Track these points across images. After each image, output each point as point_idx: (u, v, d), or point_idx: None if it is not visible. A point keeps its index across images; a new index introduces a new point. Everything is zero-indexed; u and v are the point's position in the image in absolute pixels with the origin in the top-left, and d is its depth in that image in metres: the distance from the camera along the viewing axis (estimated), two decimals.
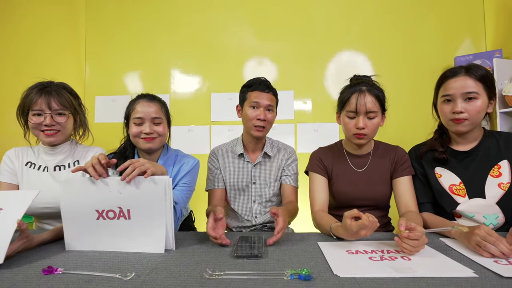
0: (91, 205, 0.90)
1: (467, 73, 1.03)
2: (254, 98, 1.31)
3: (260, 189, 1.40)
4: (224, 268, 0.74)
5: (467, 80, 1.03)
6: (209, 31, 2.61)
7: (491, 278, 0.66)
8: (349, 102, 1.14)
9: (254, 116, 1.30)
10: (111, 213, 0.90)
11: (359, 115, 1.12)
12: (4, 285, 0.65)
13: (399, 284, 0.63)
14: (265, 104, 1.30)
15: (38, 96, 1.12)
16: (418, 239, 0.78)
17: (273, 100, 1.34)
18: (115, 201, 0.90)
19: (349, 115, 1.15)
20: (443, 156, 1.11)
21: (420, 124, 1.23)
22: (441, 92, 1.09)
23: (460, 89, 1.03)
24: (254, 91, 1.32)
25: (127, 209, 0.90)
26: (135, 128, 1.17)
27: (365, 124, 1.11)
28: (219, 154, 1.43)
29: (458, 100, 1.03)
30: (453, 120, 1.05)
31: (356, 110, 1.12)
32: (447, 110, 1.06)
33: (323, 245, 0.92)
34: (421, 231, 0.80)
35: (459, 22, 2.36)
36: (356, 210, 0.87)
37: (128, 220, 0.90)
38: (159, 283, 0.65)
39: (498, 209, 1.03)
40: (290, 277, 0.67)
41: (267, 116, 1.30)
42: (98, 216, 0.90)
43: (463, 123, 1.04)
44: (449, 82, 1.06)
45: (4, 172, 1.19)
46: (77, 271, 0.72)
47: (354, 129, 1.13)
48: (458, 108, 1.02)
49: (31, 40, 2.19)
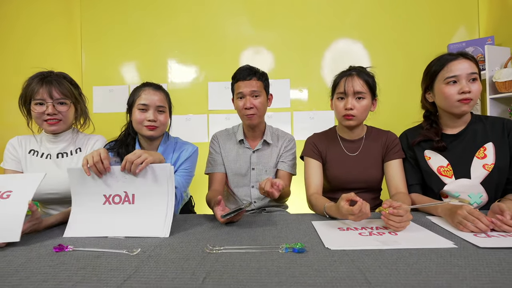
0: (99, 189, 0.95)
1: (465, 57, 1.08)
2: (238, 89, 1.34)
3: (259, 175, 1.44)
4: (224, 243, 0.79)
5: (467, 62, 1.07)
6: (205, 20, 2.61)
7: (468, 248, 0.72)
8: (339, 85, 1.20)
9: (242, 106, 1.34)
10: (117, 198, 0.95)
11: (348, 97, 1.17)
12: (19, 260, 0.70)
13: (384, 255, 0.69)
14: (248, 91, 1.32)
15: (39, 86, 1.14)
16: (401, 215, 0.84)
17: (257, 84, 1.34)
18: (122, 186, 0.95)
19: (339, 96, 1.20)
20: (442, 145, 1.14)
21: (413, 110, 1.27)
22: (443, 75, 1.10)
23: (465, 70, 1.06)
24: (238, 82, 1.35)
25: (132, 194, 0.95)
26: (139, 114, 1.21)
27: (353, 105, 1.16)
28: (220, 138, 1.48)
29: (463, 80, 1.06)
30: (461, 100, 1.07)
31: (345, 91, 1.17)
32: (454, 91, 1.08)
33: (317, 223, 0.97)
34: (404, 208, 0.85)
35: (453, 10, 2.38)
36: (353, 194, 0.91)
37: (132, 204, 0.95)
38: (164, 257, 0.71)
39: (482, 188, 1.09)
40: (285, 250, 0.72)
41: (253, 102, 1.32)
42: (105, 201, 0.95)
43: (469, 103, 1.07)
44: (452, 63, 1.08)
45: (8, 160, 1.23)
46: (86, 248, 0.78)
47: (343, 111, 1.19)
48: (466, 88, 1.05)
49: (27, 32, 2.19)
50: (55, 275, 0.62)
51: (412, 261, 0.65)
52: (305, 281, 0.57)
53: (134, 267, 0.65)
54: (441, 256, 0.67)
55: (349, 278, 0.57)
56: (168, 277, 0.60)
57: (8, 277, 0.62)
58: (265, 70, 1.42)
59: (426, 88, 1.19)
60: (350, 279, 0.57)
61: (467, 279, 0.56)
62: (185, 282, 0.57)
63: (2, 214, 0.84)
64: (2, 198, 0.89)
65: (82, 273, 0.63)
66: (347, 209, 0.88)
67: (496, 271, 0.59)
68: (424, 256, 0.67)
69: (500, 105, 2.01)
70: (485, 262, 0.64)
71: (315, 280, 0.57)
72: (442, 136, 1.17)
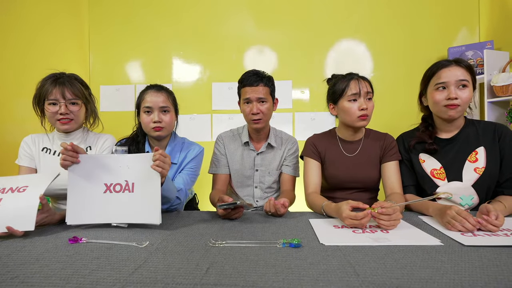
0: (101, 178, 1.01)
1: (457, 64, 1.13)
2: (245, 94, 1.37)
3: (262, 176, 1.49)
4: (226, 238, 0.85)
5: (459, 69, 1.12)
6: (210, 21, 2.66)
7: (454, 246, 0.77)
8: (349, 87, 1.23)
9: (248, 111, 1.37)
10: (118, 186, 1.01)
11: (360, 97, 1.22)
12: (37, 250, 0.77)
13: (375, 250, 0.74)
14: (255, 97, 1.35)
15: (53, 87, 1.21)
16: (389, 213, 0.89)
17: (264, 91, 1.37)
18: (124, 175, 1.01)
19: (350, 98, 1.23)
20: (433, 147, 1.20)
21: (415, 112, 1.32)
22: (434, 81, 1.16)
23: (454, 77, 1.11)
24: (245, 87, 1.38)
25: (132, 183, 1.01)
26: (146, 117, 1.29)
27: (367, 105, 1.22)
28: (226, 139, 1.52)
29: (452, 87, 1.11)
30: (448, 106, 1.12)
31: (360, 93, 1.21)
32: (441, 97, 1.13)
33: (314, 221, 1.03)
34: (393, 207, 0.90)
35: (454, 14, 2.42)
36: (361, 203, 0.95)
37: (131, 193, 1.00)
38: (170, 249, 0.77)
39: (473, 191, 1.14)
40: (282, 245, 0.78)
41: (259, 108, 1.36)
42: (106, 189, 1.01)
43: (456, 109, 1.12)
44: (443, 71, 1.14)
45: (23, 157, 1.29)
46: (99, 240, 0.84)
47: (358, 112, 1.22)
48: (453, 94, 1.11)
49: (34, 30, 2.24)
50: (72, 264, 0.68)
51: (399, 256, 0.70)
52: (299, 272, 0.62)
53: (144, 258, 0.71)
54: (427, 252, 0.73)
55: (339, 270, 0.63)
56: (175, 267, 0.66)
57: (30, 264, 0.68)
58: (268, 71, 1.46)
59: (421, 92, 1.24)
60: (340, 271, 0.62)
61: (448, 273, 0.61)
62: (190, 272, 0.63)
63: (18, 205, 0.91)
64: (19, 192, 0.96)
65: (96, 262, 0.69)
66: (348, 214, 0.92)
67: (476, 267, 0.64)
68: (411, 252, 0.73)
69: (498, 109, 2.04)
70: (467, 258, 0.69)
71: (308, 272, 0.62)
72: (437, 140, 1.22)
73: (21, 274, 0.63)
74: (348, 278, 0.59)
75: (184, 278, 0.60)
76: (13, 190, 0.96)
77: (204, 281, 0.59)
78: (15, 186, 0.98)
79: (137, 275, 0.62)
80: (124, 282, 0.59)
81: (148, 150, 1.34)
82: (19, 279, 0.61)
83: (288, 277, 0.60)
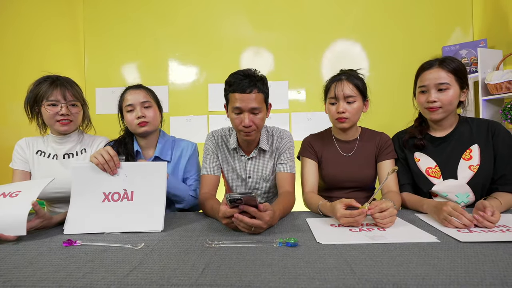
0: (99, 188, 1.00)
1: (440, 66, 1.13)
2: (235, 103, 1.13)
3: (256, 183, 1.36)
4: (222, 239, 0.84)
5: (440, 72, 1.12)
6: (206, 22, 2.66)
7: (450, 242, 0.77)
8: (330, 90, 1.26)
9: (239, 122, 1.16)
10: (116, 195, 1.00)
11: (339, 101, 1.23)
12: (31, 253, 0.76)
13: (372, 248, 0.74)
14: (248, 107, 1.13)
15: (53, 88, 1.20)
16: (383, 209, 0.90)
17: (258, 98, 1.14)
18: (122, 184, 1.00)
19: (331, 101, 1.27)
20: (421, 143, 1.22)
21: (410, 111, 1.33)
22: (418, 83, 1.20)
23: (433, 80, 1.13)
24: (235, 93, 1.13)
25: (131, 191, 1.00)
26: (129, 115, 1.28)
27: (345, 109, 1.22)
28: (217, 139, 1.36)
29: (432, 90, 1.14)
30: (428, 108, 1.16)
31: (335, 96, 1.23)
32: (423, 100, 1.17)
33: (310, 220, 1.03)
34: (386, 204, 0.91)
35: (448, 13, 2.44)
36: (354, 201, 0.95)
37: (130, 201, 1.00)
38: (166, 250, 0.76)
39: (468, 188, 1.14)
40: (279, 244, 0.78)
41: (252, 119, 1.15)
42: (104, 198, 1.00)
43: (436, 111, 1.14)
44: (424, 74, 1.16)
45: (17, 160, 1.28)
46: (94, 243, 0.83)
47: (336, 114, 1.24)
48: (431, 98, 1.13)
49: (29, 33, 2.23)
50: (65, 267, 0.67)
51: (395, 254, 0.70)
52: (296, 271, 0.62)
53: (139, 259, 0.70)
54: (423, 249, 0.73)
55: (336, 268, 0.63)
56: (170, 268, 0.65)
57: (22, 268, 0.67)
58: (264, 72, 1.37)
59: (414, 91, 1.26)
60: (337, 270, 0.62)
61: (444, 270, 0.61)
62: (186, 273, 0.62)
63: (10, 211, 0.90)
64: (11, 196, 0.95)
65: (90, 265, 0.68)
66: (342, 213, 0.92)
67: (472, 263, 0.64)
68: (407, 250, 0.73)
69: (493, 106, 2.06)
70: (463, 254, 0.69)
71: (305, 271, 0.62)
72: (431, 138, 1.22)
73: (14, 278, 0.62)
74: (344, 276, 0.59)
75: (179, 279, 0.59)
76: (5, 195, 0.95)
77: (200, 282, 0.58)
78: (8, 191, 0.96)
79: (132, 277, 0.61)
80: (118, 284, 0.58)
81: (137, 149, 1.33)
82: (11, 283, 0.60)
83: (284, 276, 0.60)
